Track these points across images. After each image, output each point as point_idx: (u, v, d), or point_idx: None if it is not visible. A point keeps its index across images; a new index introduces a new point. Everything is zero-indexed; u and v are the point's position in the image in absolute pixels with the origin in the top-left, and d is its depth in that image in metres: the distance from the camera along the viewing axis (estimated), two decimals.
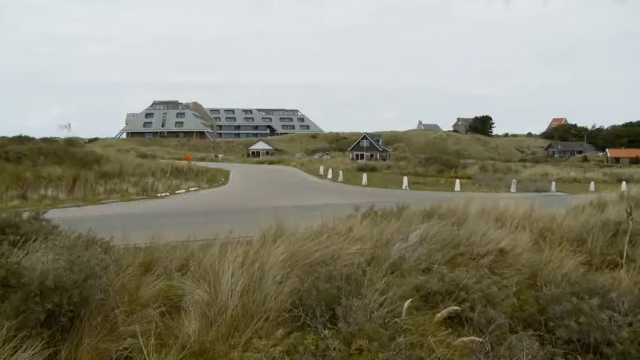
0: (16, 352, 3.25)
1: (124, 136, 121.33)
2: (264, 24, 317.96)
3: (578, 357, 4.21)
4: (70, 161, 28.89)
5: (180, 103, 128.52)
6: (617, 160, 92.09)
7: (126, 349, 3.68)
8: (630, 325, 4.32)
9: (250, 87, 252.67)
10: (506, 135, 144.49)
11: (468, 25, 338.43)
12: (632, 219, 6.87)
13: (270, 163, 64.67)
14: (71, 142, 40.11)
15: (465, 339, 4.04)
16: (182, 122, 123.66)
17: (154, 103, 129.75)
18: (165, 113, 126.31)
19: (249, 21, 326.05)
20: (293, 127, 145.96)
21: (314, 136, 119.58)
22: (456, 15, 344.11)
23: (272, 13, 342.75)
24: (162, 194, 21.10)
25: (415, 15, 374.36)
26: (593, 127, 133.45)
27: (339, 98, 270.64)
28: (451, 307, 4.41)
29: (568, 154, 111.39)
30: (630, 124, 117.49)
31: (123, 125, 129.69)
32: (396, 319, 4.14)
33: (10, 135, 42.45)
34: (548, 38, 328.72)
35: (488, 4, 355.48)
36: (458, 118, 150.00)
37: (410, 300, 4.41)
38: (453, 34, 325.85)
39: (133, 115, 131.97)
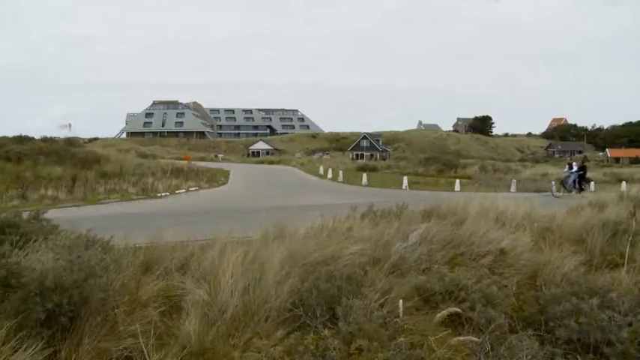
0: (15, 352, 3.25)
1: (124, 136, 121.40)
2: (266, 26, 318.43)
3: (578, 357, 4.21)
4: (70, 161, 28.86)
5: (180, 103, 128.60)
6: (617, 160, 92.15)
7: (126, 348, 3.68)
8: (630, 325, 4.32)
9: (250, 87, 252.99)
10: (506, 135, 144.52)
11: (468, 26, 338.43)
12: (635, 219, 6.87)
13: (270, 163, 64.68)
14: (71, 142, 39.96)
15: (461, 338, 4.04)
16: (182, 122, 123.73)
17: (154, 103, 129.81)
18: (165, 113, 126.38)
19: (252, 23, 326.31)
20: (293, 127, 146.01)
21: (314, 136, 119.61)
22: (456, 16, 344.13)
23: (276, 16, 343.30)
24: (162, 194, 21.08)
25: (416, 16, 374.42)
26: (593, 127, 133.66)
27: (339, 98, 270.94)
28: (452, 308, 4.41)
29: (568, 154, 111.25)
30: (630, 124, 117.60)
31: (123, 125, 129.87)
32: (397, 319, 4.14)
33: (10, 135, 42.36)
34: (549, 38, 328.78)
35: (489, 4, 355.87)
36: (458, 118, 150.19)
37: (403, 298, 4.40)
38: (453, 35, 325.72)
39: (133, 115, 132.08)
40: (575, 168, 24.03)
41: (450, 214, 8.31)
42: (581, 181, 23.61)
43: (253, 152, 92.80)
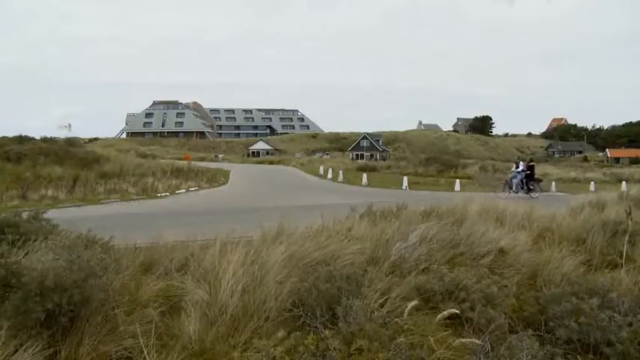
0: (16, 351, 3.25)
1: (124, 136, 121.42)
2: (266, 26, 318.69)
3: (578, 357, 4.21)
4: (70, 161, 28.85)
5: (180, 103, 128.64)
6: (617, 160, 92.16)
7: (126, 349, 3.68)
8: (630, 325, 4.31)
9: (250, 87, 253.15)
10: (506, 135, 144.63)
11: (468, 26, 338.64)
12: (631, 218, 6.87)
13: (270, 163, 64.67)
14: (71, 142, 39.89)
15: (463, 340, 4.03)
16: (182, 122, 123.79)
17: (154, 103, 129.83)
18: (165, 113, 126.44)
19: (252, 23, 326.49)
20: (293, 127, 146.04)
21: (314, 136, 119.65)
22: (456, 16, 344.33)
23: (276, 16, 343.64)
24: (162, 194, 21.07)
25: (416, 16, 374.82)
26: (593, 127, 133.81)
27: (339, 98, 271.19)
28: (451, 309, 4.41)
29: (568, 154, 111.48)
30: (630, 124, 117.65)
31: (123, 125, 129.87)
32: (397, 320, 4.13)
33: (10, 135, 42.24)
34: (549, 39, 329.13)
35: (489, 4, 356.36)
36: (458, 118, 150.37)
37: (415, 302, 4.40)
38: (453, 35, 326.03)
39: (133, 115, 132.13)
40: (521, 167, 22.66)
41: (449, 214, 8.31)
42: (530, 181, 22.44)
43: (253, 152, 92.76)
